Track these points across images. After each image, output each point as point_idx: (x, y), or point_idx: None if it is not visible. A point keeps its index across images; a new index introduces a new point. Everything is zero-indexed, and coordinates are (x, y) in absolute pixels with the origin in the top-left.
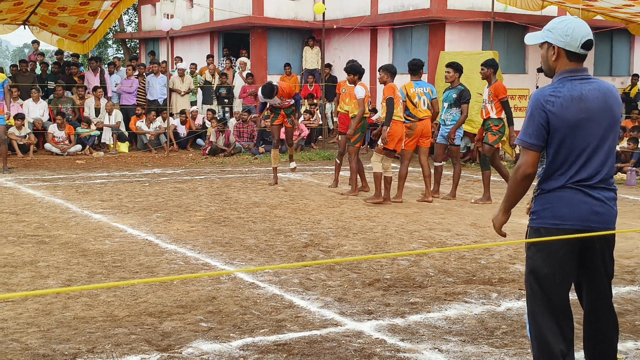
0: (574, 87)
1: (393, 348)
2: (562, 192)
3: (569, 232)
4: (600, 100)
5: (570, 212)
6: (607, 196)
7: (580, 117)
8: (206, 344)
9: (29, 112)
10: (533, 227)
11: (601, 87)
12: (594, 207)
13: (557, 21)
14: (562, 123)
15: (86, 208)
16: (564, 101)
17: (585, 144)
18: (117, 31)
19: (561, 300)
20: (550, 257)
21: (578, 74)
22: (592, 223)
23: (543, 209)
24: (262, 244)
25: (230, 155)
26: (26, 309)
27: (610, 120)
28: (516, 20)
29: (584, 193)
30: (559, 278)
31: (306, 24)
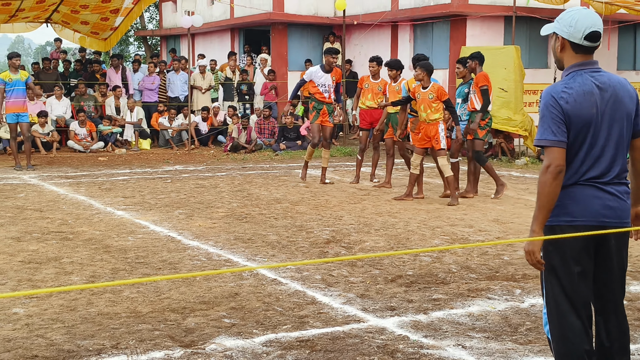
0: (585, 81)
1: (416, 344)
2: (574, 189)
3: (582, 228)
4: (611, 94)
5: (583, 208)
6: (620, 190)
7: (593, 112)
8: (229, 340)
9: (52, 110)
10: (548, 226)
11: (612, 80)
12: (606, 202)
13: (565, 11)
14: (576, 119)
15: (109, 205)
16: (577, 96)
17: (597, 139)
18: (139, 28)
19: (583, 297)
20: (568, 254)
21: (587, 67)
22: (606, 218)
23: (556, 207)
24: (284, 240)
25: (251, 151)
26: (51, 305)
27: (623, 114)
28: (538, 14)
29: (596, 188)
30: (578, 275)
31: (326, 19)
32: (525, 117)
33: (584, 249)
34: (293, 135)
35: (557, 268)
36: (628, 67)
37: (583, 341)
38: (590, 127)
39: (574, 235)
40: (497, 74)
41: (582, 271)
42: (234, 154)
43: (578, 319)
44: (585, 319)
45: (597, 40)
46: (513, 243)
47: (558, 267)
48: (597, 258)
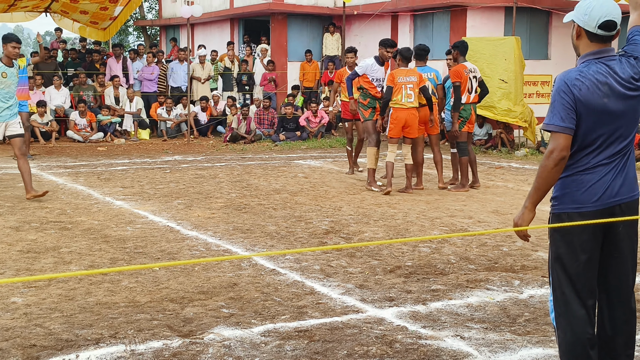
0: (600, 70)
1: (415, 335)
2: (581, 176)
3: (591, 215)
4: (625, 81)
5: (590, 194)
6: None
7: (605, 101)
8: (227, 330)
9: (51, 100)
10: (555, 214)
11: (626, 67)
12: (612, 183)
13: (583, 0)
14: (588, 108)
15: (108, 195)
16: (590, 84)
17: (607, 127)
18: (138, 18)
19: (589, 285)
20: (574, 243)
21: (602, 55)
22: (613, 198)
23: (563, 194)
24: (283, 231)
25: (250, 142)
26: (49, 294)
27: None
28: (539, 5)
29: (603, 172)
30: (585, 264)
31: (326, 10)
32: (525, 108)
33: (592, 237)
34: (292, 126)
35: (564, 256)
36: None
37: (587, 330)
38: (602, 115)
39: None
40: (498, 65)
41: (589, 259)
42: (233, 145)
43: (583, 308)
44: (590, 308)
45: (613, 29)
46: (512, 234)
47: (564, 256)
48: (605, 244)
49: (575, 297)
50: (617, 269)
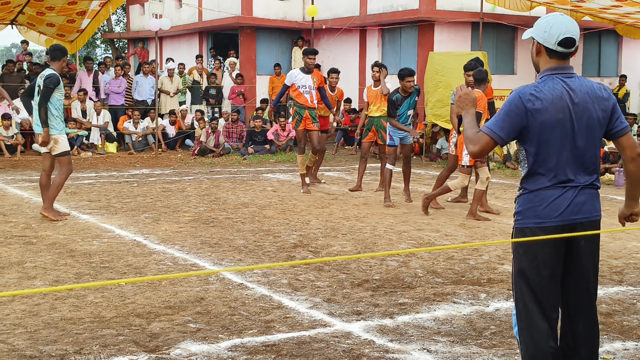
0: (555, 86)
1: (382, 349)
2: (544, 191)
3: (552, 229)
4: (582, 99)
5: (552, 209)
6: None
7: (560, 117)
8: (194, 345)
9: (17, 112)
10: (517, 228)
11: (583, 84)
12: (575, 200)
13: (542, 17)
14: (542, 123)
15: (74, 208)
16: (545, 101)
17: (566, 143)
18: (106, 31)
19: (552, 299)
20: (537, 257)
21: (560, 72)
22: (575, 216)
23: (526, 209)
24: (251, 245)
25: (219, 155)
26: (13, 310)
27: (593, 119)
28: (505, 20)
29: (565, 189)
30: (547, 278)
31: (295, 24)
32: None
33: (554, 251)
34: (261, 139)
35: (526, 270)
36: (593, 74)
37: (549, 344)
38: (557, 131)
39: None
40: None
41: (551, 274)
42: (201, 158)
43: (545, 322)
44: (553, 322)
45: (571, 46)
46: (478, 247)
47: (527, 270)
48: (567, 259)
49: (538, 310)
50: (579, 283)
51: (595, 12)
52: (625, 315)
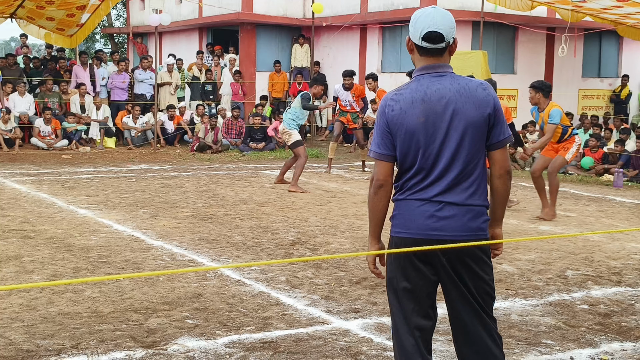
0: (419, 88)
1: (379, 347)
2: (405, 200)
3: (409, 241)
4: (449, 100)
5: (409, 220)
6: (456, 202)
7: (421, 121)
8: (192, 340)
9: (15, 106)
10: (391, 235)
11: (454, 84)
12: (435, 215)
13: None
14: (400, 128)
15: (72, 203)
16: (404, 104)
17: (427, 149)
18: (105, 26)
19: (413, 316)
20: (398, 267)
21: (430, 71)
22: (434, 231)
23: (393, 216)
24: (249, 241)
25: (217, 152)
26: (10, 304)
27: (464, 123)
28: (506, 20)
29: (425, 200)
30: (403, 291)
31: (296, 21)
32: None
33: (409, 264)
34: (260, 136)
35: (392, 281)
36: (593, 75)
37: (416, 359)
38: (418, 136)
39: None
40: None
41: (408, 288)
42: (200, 154)
43: (410, 336)
44: (419, 338)
45: (438, 41)
46: None
47: (392, 280)
48: (439, 278)
49: (404, 324)
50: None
51: (596, 12)
52: (624, 316)
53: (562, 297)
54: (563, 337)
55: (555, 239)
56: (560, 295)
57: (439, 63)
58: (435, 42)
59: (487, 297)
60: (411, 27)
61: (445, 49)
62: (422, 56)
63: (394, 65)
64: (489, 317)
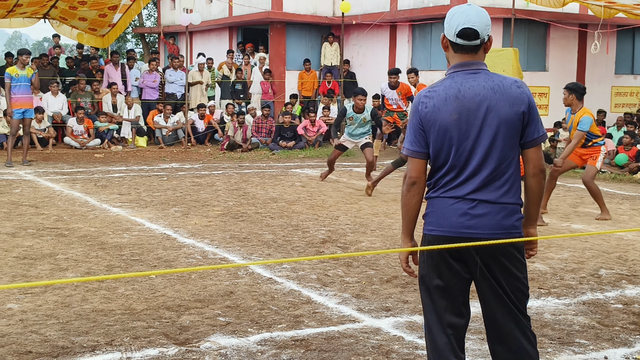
0: (453, 85)
1: (411, 345)
2: (438, 198)
3: (442, 239)
4: (483, 98)
5: (442, 217)
6: (490, 200)
7: (454, 118)
8: (224, 338)
9: (48, 106)
10: (423, 233)
11: (488, 82)
12: (468, 212)
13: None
14: (433, 125)
15: (105, 201)
16: (437, 101)
17: (461, 146)
18: (137, 26)
19: (446, 314)
20: (431, 265)
21: (465, 68)
22: (468, 229)
23: (426, 214)
24: (280, 240)
25: (247, 150)
26: (45, 301)
27: (497, 120)
28: (537, 17)
29: (458, 198)
30: (435, 289)
31: (325, 19)
32: None
33: (442, 261)
34: (290, 135)
35: (425, 278)
36: (626, 71)
37: (449, 357)
38: (451, 134)
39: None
40: None
41: (441, 286)
42: (230, 153)
43: (443, 334)
44: (452, 336)
45: (473, 38)
46: None
47: (425, 278)
48: (473, 276)
49: (437, 322)
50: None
51: (629, 8)
52: None
53: (595, 296)
54: (597, 336)
55: (588, 238)
56: (593, 294)
57: (473, 60)
58: (470, 39)
59: (521, 295)
60: (446, 24)
61: (480, 46)
62: (457, 53)
63: (424, 63)
64: (522, 315)
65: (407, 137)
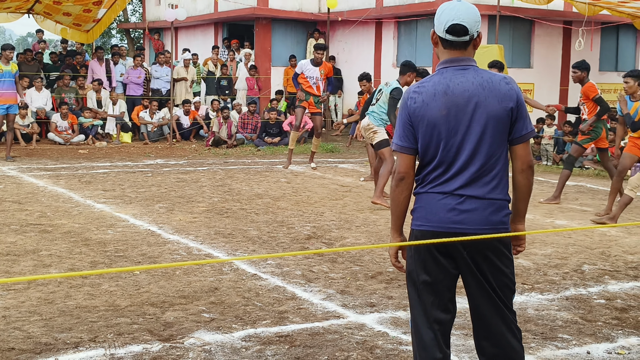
0: (442, 80)
1: (395, 341)
2: (426, 193)
3: (429, 234)
4: (472, 93)
5: (430, 213)
6: (478, 195)
7: (443, 114)
8: (208, 334)
9: (32, 101)
10: (411, 229)
11: (477, 78)
12: (456, 208)
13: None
14: (422, 120)
15: (89, 197)
16: (426, 97)
17: (449, 142)
18: (121, 21)
19: (432, 310)
20: (418, 260)
21: (454, 64)
22: (456, 225)
23: (414, 210)
24: (265, 236)
25: (233, 146)
26: (28, 298)
27: (486, 116)
28: (522, 14)
29: (446, 193)
30: (423, 284)
31: (311, 15)
32: None
33: (429, 257)
34: (275, 131)
35: (412, 274)
36: (610, 68)
37: (435, 354)
38: (439, 129)
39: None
40: None
41: (428, 281)
42: (215, 149)
43: (429, 329)
44: (438, 332)
45: (462, 34)
46: None
47: (412, 273)
48: (460, 271)
49: (423, 318)
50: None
51: (613, 5)
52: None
53: (578, 291)
54: (580, 331)
55: (571, 233)
56: (576, 289)
57: (462, 56)
58: (459, 35)
59: (508, 290)
60: (436, 20)
61: (469, 43)
62: (446, 49)
63: (410, 59)
64: (509, 310)
65: (396, 132)
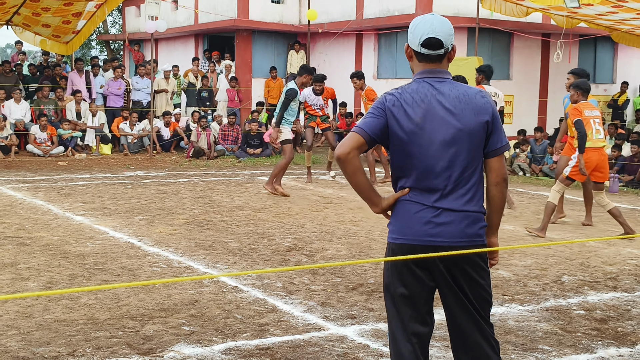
0: (419, 90)
1: (376, 353)
2: (402, 205)
3: (406, 247)
4: (447, 105)
5: (406, 226)
6: (453, 208)
7: (419, 122)
8: (188, 347)
9: (11, 113)
10: (388, 242)
11: (453, 91)
12: (432, 221)
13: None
14: (398, 127)
15: (68, 210)
16: (404, 103)
17: (424, 151)
18: (101, 32)
19: (410, 323)
20: (395, 273)
21: (430, 75)
22: (432, 238)
23: (391, 222)
24: (246, 248)
25: (213, 158)
26: (6, 311)
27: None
28: (501, 26)
29: (422, 205)
30: (400, 297)
31: (291, 27)
32: None
33: (406, 269)
34: (256, 142)
35: (389, 287)
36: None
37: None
38: (416, 140)
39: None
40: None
41: (405, 294)
42: (196, 160)
43: (408, 343)
44: (417, 345)
45: (437, 47)
46: None
47: (389, 287)
48: (437, 284)
49: (401, 331)
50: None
51: (591, 18)
52: (620, 322)
53: (558, 302)
54: (559, 342)
55: (551, 245)
56: (556, 300)
57: (439, 69)
58: (434, 48)
59: (485, 302)
60: (410, 34)
61: (444, 56)
62: (421, 62)
63: (390, 71)
64: (486, 322)
65: (363, 118)
